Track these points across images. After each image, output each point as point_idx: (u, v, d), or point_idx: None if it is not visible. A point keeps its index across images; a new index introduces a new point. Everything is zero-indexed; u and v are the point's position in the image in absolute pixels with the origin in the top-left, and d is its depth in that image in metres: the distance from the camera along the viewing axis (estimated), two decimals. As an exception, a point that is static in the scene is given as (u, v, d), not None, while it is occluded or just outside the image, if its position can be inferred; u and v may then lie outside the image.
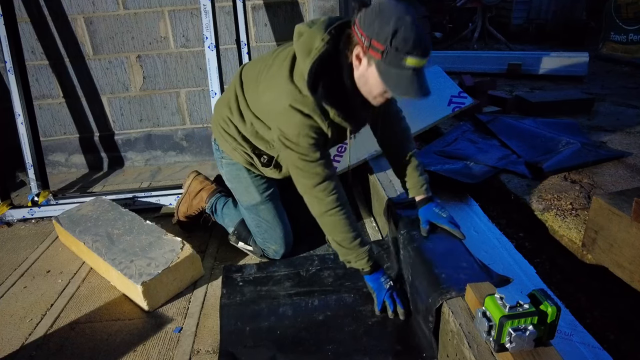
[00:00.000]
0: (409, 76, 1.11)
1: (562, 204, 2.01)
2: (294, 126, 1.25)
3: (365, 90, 1.23)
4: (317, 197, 1.32)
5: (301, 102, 1.23)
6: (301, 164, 1.29)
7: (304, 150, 1.27)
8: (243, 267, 1.63)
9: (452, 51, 5.69)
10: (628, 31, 5.38)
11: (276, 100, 1.26)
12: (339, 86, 1.24)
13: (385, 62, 1.11)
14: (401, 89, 1.14)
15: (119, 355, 1.30)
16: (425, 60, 1.11)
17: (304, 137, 1.26)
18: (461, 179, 2.27)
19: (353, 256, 1.36)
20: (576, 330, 1.31)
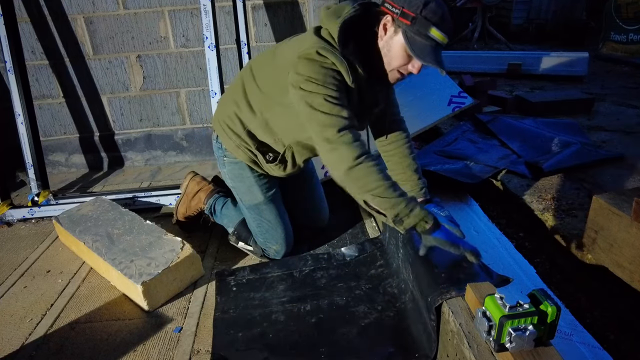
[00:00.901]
0: (432, 47, 1.18)
1: (562, 204, 2.01)
2: (320, 69, 1.22)
3: (386, 60, 1.26)
4: (345, 144, 1.21)
5: (330, 51, 1.22)
6: (327, 106, 1.21)
7: (330, 92, 1.21)
8: (236, 270, 1.63)
9: (452, 51, 5.69)
10: (628, 31, 5.38)
11: (303, 49, 1.24)
12: (367, 50, 1.26)
13: (413, 29, 1.17)
14: (424, 56, 1.19)
15: (119, 355, 1.30)
16: (447, 39, 1.19)
17: (330, 78, 1.22)
18: (461, 179, 2.27)
19: (402, 206, 1.19)
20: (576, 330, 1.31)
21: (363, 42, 1.26)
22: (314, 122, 1.24)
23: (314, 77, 1.21)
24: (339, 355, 1.23)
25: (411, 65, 1.25)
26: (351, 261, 1.63)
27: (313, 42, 1.25)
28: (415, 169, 1.50)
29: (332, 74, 1.23)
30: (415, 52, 1.19)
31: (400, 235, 1.45)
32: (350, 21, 1.23)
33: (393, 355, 1.21)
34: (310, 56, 1.22)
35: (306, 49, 1.24)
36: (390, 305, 1.39)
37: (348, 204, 2.07)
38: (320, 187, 1.83)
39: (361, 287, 1.50)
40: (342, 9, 1.26)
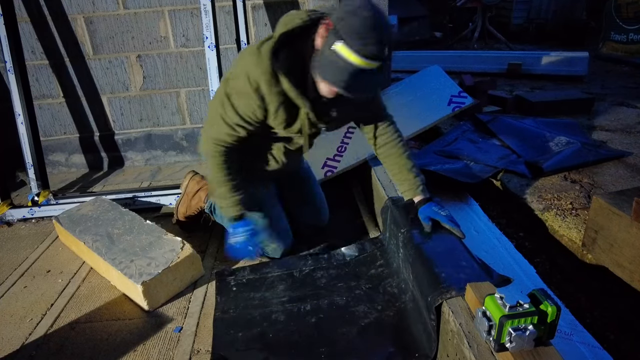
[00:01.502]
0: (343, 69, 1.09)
1: (562, 203, 2.01)
2: (240, 80, 1.27)
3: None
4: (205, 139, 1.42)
5: (255, 63, 1.23)
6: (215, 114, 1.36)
7: (228, 108, 1.32)
8: (236, 270, 1.63)
9: (452, 51, 5.69)
10: (628, 31, 5.38)
11: (234, 66, 1.32)
12: (301, 64, 1.23)
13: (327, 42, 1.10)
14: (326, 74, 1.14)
15: (119, 355, 1.30)
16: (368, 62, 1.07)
17: (239, 99, 1.30)
18: (461, 178, 2.27)
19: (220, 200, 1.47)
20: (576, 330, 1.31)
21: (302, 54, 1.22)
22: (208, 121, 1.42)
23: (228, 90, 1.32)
24: (339, 355, 1.23)
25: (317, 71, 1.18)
26: (351, 261, 1.63)
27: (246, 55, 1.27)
28: (411, 168, 1.49)
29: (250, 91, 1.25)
30: (317, 68, 1.15)
31: (400, 235, 1.45)
32: (292, 33, 1.21)
33: (393, 355, 1.21)
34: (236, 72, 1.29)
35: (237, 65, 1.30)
36: (390, 305, 1.39)
37: (348, 203, 2.07)
38: (318, 187, 1.83)
39: (361, 286, 1.50)
40: (294, 19, 1.23)
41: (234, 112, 1.32)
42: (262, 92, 1.26)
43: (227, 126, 1.36)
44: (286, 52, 1.23)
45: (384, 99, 1.55)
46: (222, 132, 1.37)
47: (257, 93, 1.26)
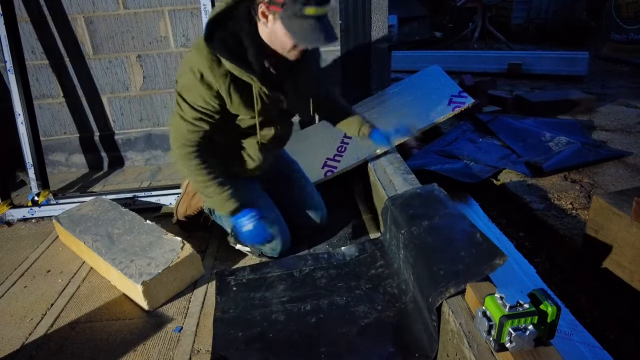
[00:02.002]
0: (313, 24, 1.20)
1: (562, 203, 2.01)
2: (185, 75, 1.31)
3: (278, 46, 1.29)
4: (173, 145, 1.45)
5: (195, 53, 1.28)
6: (174, 115, 1.39)
7: (183, 105, 1.34)
8: (236, 270, 1.63)
9: (452, 51, 5.69)
10: (628, 31, 5.38)
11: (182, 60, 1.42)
12: (237, 42, 1.28)
13: (286, 14, 1.19)
14: (307, 39, 1.23)
15: (119, 354, 1.30)
16: (325, 8, 1.21)
17: (187, 92, 1.32)
18: (461, 178, 2.27)
19: (211, 202, 1.51)
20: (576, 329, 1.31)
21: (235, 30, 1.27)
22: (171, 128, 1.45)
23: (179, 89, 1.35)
24: (338, 355, 1.23)
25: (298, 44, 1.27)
26: (351, 261, 1.63)
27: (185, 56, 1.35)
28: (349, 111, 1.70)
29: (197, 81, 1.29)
30: (297, 38, 1.23)
31: (401, 236, 1.45)
32: (218, 16, 1.27)
33: (393, 355, 1.21)
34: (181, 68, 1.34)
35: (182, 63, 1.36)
36: (390, 305, 1.39)
37: (348, 203, 2.07)
38: (309, 184, 1.82)
39: (361, 287, 1.50)
40: (217, 7, 1.29)
41: (189, 107, 1.34)
42: (208, 79, 1.29)
43: (188, 123, 1.37)
44: (220, 34, 1.26)
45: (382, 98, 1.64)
46: (184, 131, 1.39)
47: (203, 82, 1.30)
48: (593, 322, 1.45)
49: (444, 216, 1.39)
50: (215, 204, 1.50)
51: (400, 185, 1.70)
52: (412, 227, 1.40)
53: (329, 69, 2.32)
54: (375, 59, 2.29)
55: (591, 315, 1.49)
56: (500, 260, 1.13)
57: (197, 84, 1.30)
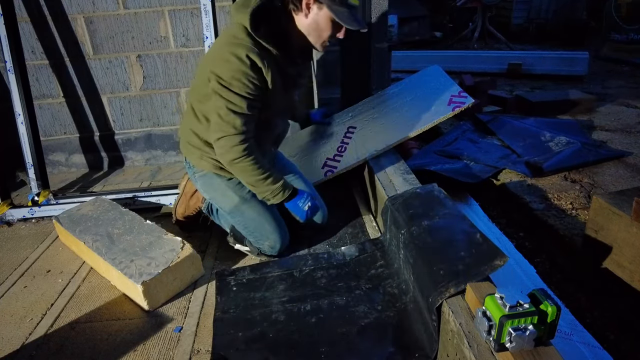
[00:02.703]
0: (354, 13, 1.41)
1: (562, 203, 2.01)
2: (229, 69, 1.36)
3: (315, 35, 1.45)
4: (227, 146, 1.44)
5: (238, 44, 1.36)
6: (224, 112, 1.40)
7: (233, 98, 1.38)
8: (236, 270, 1.63)
9: (452, 51, 5.69)
10: (628, 31, 5.38)
11: (215, 51, 1.43)
12: (279, 32, 1.42)
13: (335, 3, 1.37)
14: (352, 23, 1.39)
15: (119, 354, 1.30)
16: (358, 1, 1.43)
17: (237, 81, 1.37)
18: (461, 178, 2.27)
19: (269, 193, 1.54)
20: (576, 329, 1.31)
21: (277, 25, 1.42)
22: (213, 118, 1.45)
23: (223, 78, 1.37)
24: (338, 355, 1.23)
25: (340, 34, 1.46)
26: (351, 261, 1.63)
27: (225, 41, 1.40)
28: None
29: (243, 69, 1.35)
30: (345, 21, 1.38)
31: (401, 236, 1.45)
32: (259, 8, 1.37)
33: (393, 355, 1.21)
34: (220, 56, 1.38)
35: (218, 51, 1.40)
36: (390, 305, 1.39)
37: (348, 203, 2.07)
38: (307, 184, 1.82)
39: (361, 287, 1.50)
40: (249, 1, 1.39)
41: (241, 98, 1.39)
42: (258, 64, 1.37)
43: (243, 115, 1.41)
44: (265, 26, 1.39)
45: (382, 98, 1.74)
46: (240, 125, 1.42)
47: (253, 67, 1.37)
48: (593, 322, 1.45)
49: (444, 216, 1.39)
50: (273, 194, 1.55)
51: (400, 185, 1.70)
52: (412, 227, 1.40)
53: (329, 69, 2.32)
54: (375, 59, 2.29)
55: (591, 315, 1.49)
56: (501, 261, 1.13)
57: (247, 71, 1.36)
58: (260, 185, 1.52)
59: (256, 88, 1.39)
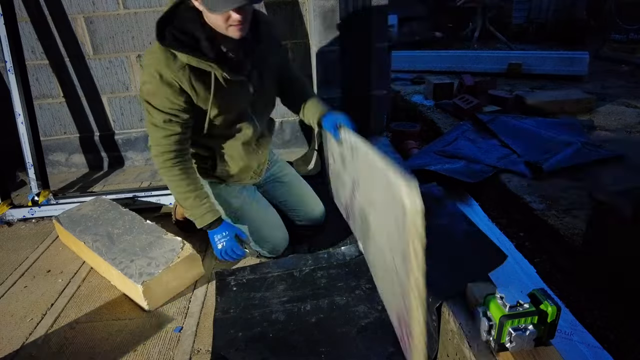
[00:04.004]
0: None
1: (562, 204, 2.01)
2: (145, 83, 1.31)
3: (215, 26, 1.26)
4: (155, 155, 1.41)
5: (150, 57, 1.29)
6: (146, 123, 1.37)
7: (152, 110, 1.33)
8: (236, 270, 1.63)
9: (452, 50, 5.69)
10: (628, 30, 5.38)
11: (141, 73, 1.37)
12: (189, 33, 1.27)
13: None
14: (219, 4, 1.18)
15: (119, 354, 1.30)
16: None
17: (152, 96, 1.31)
18: (461, 178, 2.27)
19: (189, 214, 1.48)
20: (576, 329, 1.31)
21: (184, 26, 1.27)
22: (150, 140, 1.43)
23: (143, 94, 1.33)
24: (339, 355, 1.23)
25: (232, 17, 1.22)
26: (351, 261, 1.63)
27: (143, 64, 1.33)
28: (317, 100, 1.60)
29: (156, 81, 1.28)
30: (210, 6, 1.19)
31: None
32: (167, 14, 1.27)
33: (393, 355, 1.21)
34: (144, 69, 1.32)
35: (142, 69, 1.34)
36: (390, 305, 1.39)
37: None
38: (305, 184, 1.82)
39: (361, 286, 1.50)
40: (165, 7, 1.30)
41: (157, 111, 1.33)
42: (167, 77, 1.28)
43: (160, 129, 1.35)
44: (170, 30, 1.27)
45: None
46: (158, 138, 1.37)
47: (163, 82, 1.29)
48: (593, 322, 1.45)
49: (443, 215, 1.39)
50: (193, 216, 1.48)
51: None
52: None
53: (329, 69, 2.32)
54: (375, 59, 2.29)
55: (591, 315, 1.49)
56: (500, 260, 1.14)
57: (159, 86, 1.29)
58: (182, 203, 1.46)
59: (171, 102, 1.31)
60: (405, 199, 0.85)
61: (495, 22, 6.71)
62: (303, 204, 1.78)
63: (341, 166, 1.58)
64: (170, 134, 1.36)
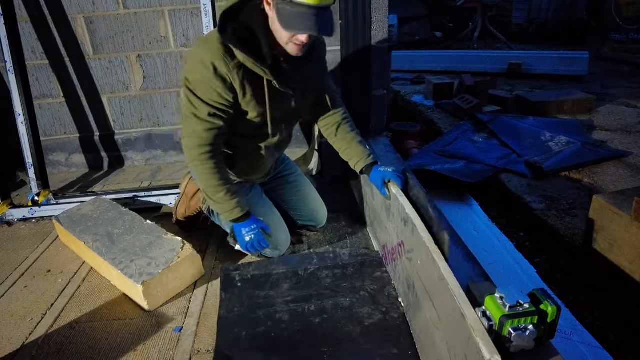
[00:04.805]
0: (304, 13, 1.16)
1: (562, 203, 2.01)
2: (195, 73, 1.29)
3: (278, 37, 1.26)
4: (186, 146, 1.39)
5: (206, 48, 1.28)
6: (188, 114, 1.34)
7: (196, 102, 1.31)
8: (241, 266, 1.63)
9: (452, 50, 5.69)
10: (628, 30, 5.38)
11: (189, 53, 1.35)
12: (250, 33, 1.26)
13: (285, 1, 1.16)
14: (292, 25, 1.18)
15: (119, 354, 1.30)
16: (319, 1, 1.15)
17: (201, 87, 1.30)
18: (461, 178, 2.27)
19: (218, 207, 1.48)
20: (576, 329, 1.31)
21: (249, 23, 1.26)
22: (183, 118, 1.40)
23: (190, 81, 1.31)
24: (341, 356, 1.23)
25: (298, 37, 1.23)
26: (356, 261, 1.63)
27: (199, 42, 1.32)
28: (360, 141, 1.59)
29: (209, 74, 1.27)
30: (283, 23, 1.18)
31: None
32: (233, 8, 1.26)
33: (396, 357, 1.21)
34: (190, 61, 1.31)
35: (189, 56, 1.32)
36: (394, 307, 1.39)
37: (348, 203, 2.07)
38: (309, 185, 1.82)
39: (366, 287, 1.49)
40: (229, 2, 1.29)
41: (204, 103, 1.32)
42: (221, 72, 1.27)
43: (203, 121, 1.34)
44: (232, 25, 1.24)
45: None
46: (200, 130, 1.35)
47: (216, 75, 1.27)
48: (593, 322, 1.45)
49: None
50: (222, 210, 1.47)
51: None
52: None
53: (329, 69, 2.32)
54: (375, 59, 2.29)
55: (591, 315, 1.49)
56: None
57: (210, 78, 1.28)
58: (212, 196, 1.45)
59: (220, 97, 1.31)
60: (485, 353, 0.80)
61: (495, 22, 6.71)
62: (306, 205, 1.79)
63: (384, 212, 1.57)
64: (212, 127, 1.35)
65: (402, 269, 1.39)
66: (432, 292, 1.08)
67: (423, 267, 1.15)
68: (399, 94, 4.34)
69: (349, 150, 1.58)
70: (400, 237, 1.38)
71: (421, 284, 1.17)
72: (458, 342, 0.90)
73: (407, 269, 1.32)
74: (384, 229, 1.58)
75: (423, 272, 1.16)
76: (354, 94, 2.32)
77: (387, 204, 1.51)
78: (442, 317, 1.01)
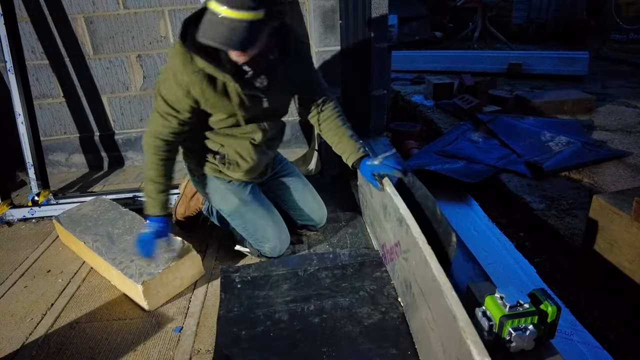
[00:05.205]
0: (217, 23, 1.13)
1: (562, 204, 2.01)
2: (165, 71, 1.35)
3: None
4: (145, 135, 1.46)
5: (172, 53, 1.33)
6: (153, 108, 1.42)
7: (159, 100, 1.38)
8: (241, 268, 1.63)
9: (452, 50, 5.69)
10: (628, 30, 5.38)
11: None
12: None
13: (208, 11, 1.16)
14: (206, 33, 1.16)
15: (119, 354, 1.30)
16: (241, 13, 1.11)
17: (164, 88, 1.36)
18: (461, 178, 2.27)
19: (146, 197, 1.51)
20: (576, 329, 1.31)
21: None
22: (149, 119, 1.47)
23: (159, 81, 1.38)
24: (341, 356, 1.23)
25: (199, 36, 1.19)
26: (356, 262, 1.63)
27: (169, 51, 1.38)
28: (351, 135, 1.57)
29: (172, 78, 1.32)
30: (200, 30, 1.17)
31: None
32: (195, 15, 1.26)
33: (395, 357, 1.21)
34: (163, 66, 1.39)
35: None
36: (394, 308, 1.39)
37: (348, 203, 2.07)
38: (307, 185, 1.82)
39: (365, 288, 1.49)
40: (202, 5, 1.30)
41: (163, 101, 1.37)
42: (180, 78, 1.31)
43: (161, 117, 1.40)
44: (192, 31, 1.25)
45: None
46: (157, 124, 1.42)
47: (176, 80, 1.32)
48: (593, 322, 1.45)
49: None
50: (147, 200, 1.52)
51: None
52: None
53: (329, 69, 2.32)
54: (375, 59, 2.29)
55: (591, 315, 1.50)
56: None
57: (171, 82, 1.33)
58: (146, 185, 1.52)
59: (178, 102, 1.35)
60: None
61: (495, 22, 6.71)
62: (306, 205, 1.78)
63: (381, 212, 1.56)
64: (168, 125, 1.41)
65: (400, 269, 1.39)
66: (427, 293, 1.08)
67: (418, 268, 1.15)
68: (399, 94, 4.34)
69: (340, 145, 1.58)
70: (397, 237, 1.38)
71: (417, 284, 1.17)
72: (452, 343, 0.90)
73: (404, 269, 1.32)
74: (383, 228, 1.58)
75: (418, 273, 1.15)
76: (354, 94, 2.32)
77: (384, 204, 1.51)
78: (436, 318, 1.01)
